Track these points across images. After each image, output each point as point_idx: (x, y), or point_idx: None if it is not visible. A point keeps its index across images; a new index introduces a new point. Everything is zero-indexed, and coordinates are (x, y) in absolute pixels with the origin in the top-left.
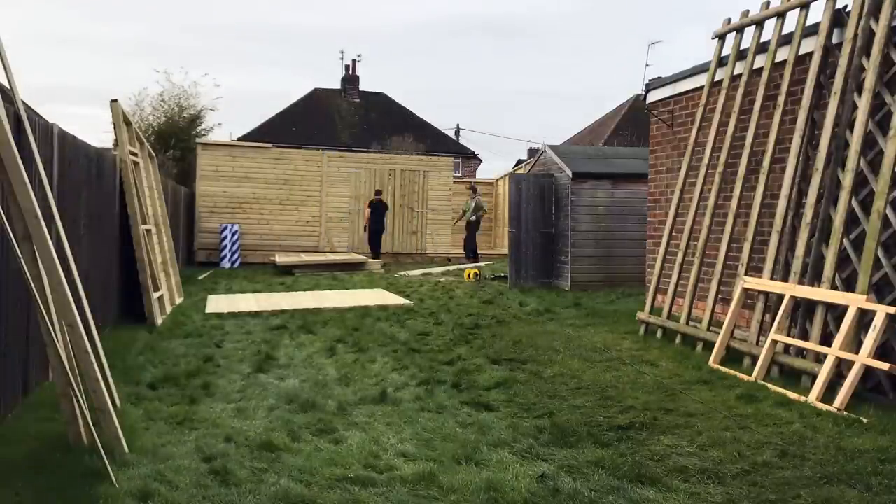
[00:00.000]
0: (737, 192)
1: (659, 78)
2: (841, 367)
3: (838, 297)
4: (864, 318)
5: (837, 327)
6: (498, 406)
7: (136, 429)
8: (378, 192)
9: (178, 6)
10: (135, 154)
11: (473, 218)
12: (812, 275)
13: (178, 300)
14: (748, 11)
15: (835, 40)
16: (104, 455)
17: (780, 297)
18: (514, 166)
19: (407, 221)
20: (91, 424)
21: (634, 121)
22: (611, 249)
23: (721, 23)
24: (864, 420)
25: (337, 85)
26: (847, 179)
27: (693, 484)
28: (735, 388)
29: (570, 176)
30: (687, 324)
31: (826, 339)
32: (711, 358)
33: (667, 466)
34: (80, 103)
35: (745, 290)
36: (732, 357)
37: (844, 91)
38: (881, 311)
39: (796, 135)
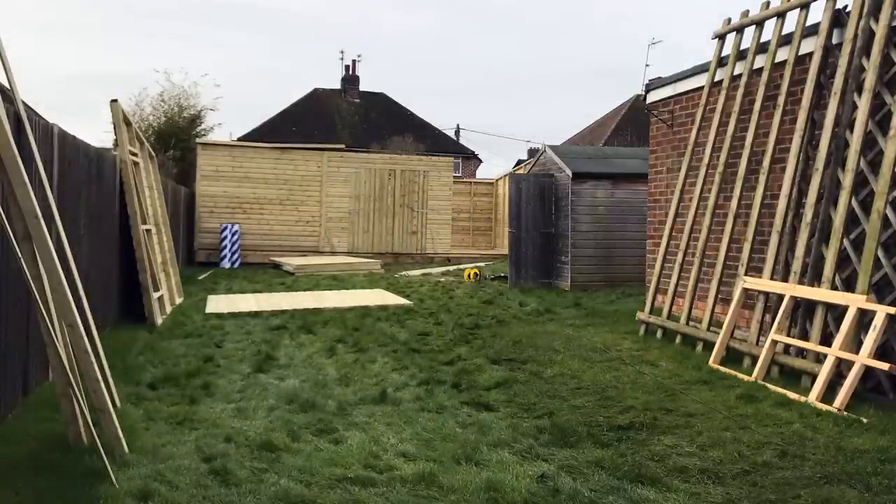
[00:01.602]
0: (737, 192)
1: (659, 78)
2: (841, 368)
3: (838, 297)
4: (864, 318)
5: (837, 327)
6: (498, 406)
7: (136, 429)
8: None
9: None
10: (135, 154)
11: None
12: (812, 275)
13: (178, 300)
14: (748, 11)
15: (835, 40)
16: (104, 455)
17: (780, 297)
18: (514, 166)
19: (407, 221)
20: (91, 424)
21: (634, 121)
22: (611, 249)
23: (721, 23)
24: (864, 420)
25: (337, 85)
26: (847, 179)
27: (693, 484)
28: (735, 388)
29: (570, 176)
30: (687, 324)
31: (826, 340)
32: (711, 358)
33: (667, 466)
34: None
35: (745, 290)
36: (732, 357)
37: (844, 91)
38: (881, 311)
39: (796, 135)
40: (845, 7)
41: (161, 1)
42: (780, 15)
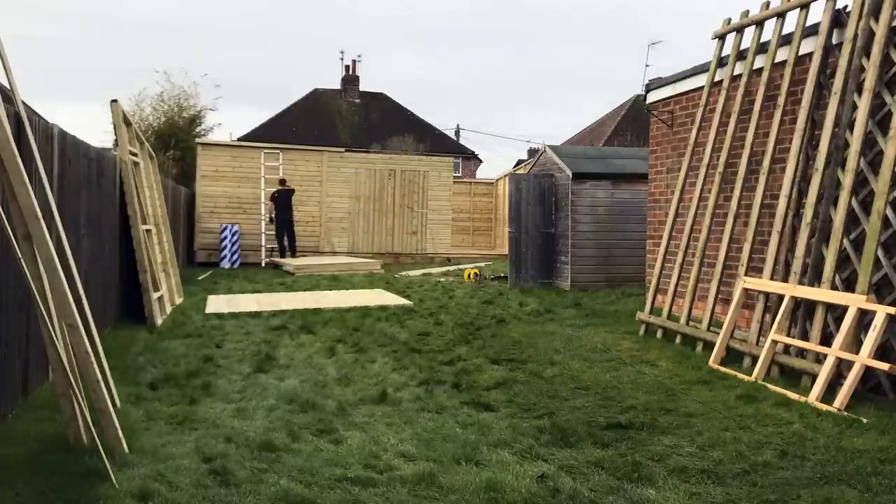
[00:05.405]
0: (737, 192)
1: (659, 78)
2: (841, 368)
3: (838, 298)
4: (864, 318)
5: (837, 327)
6: (498, 406)
7: (136, 429)
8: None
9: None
10: (135, 154)
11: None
12: (812, 275)
13: (178, 300)
14: (748, 11)
15: (835, 40)
16: (104, 455)
17: (780, 298)
18: (514, 166)
19: (407, 221)
20: (91, 425)
21: (634, 121)
22: (611, 249)
23: (721, 23)
24: (864, 420)
25: (337, 85)
26: (847, 179)
27: (693, 484)
28: (735, 388)
29: (570, 176)
30: (687, 324)
31: (826, 340)
32: (711, 358)
33: (667, 466)
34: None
35: (746, 290)
36: (732, 357)
37: (844, 91)
38: (881, 312)
39: (796, 135)
40: (845, 7)
41: (163, 0)
42: (780, 15)
